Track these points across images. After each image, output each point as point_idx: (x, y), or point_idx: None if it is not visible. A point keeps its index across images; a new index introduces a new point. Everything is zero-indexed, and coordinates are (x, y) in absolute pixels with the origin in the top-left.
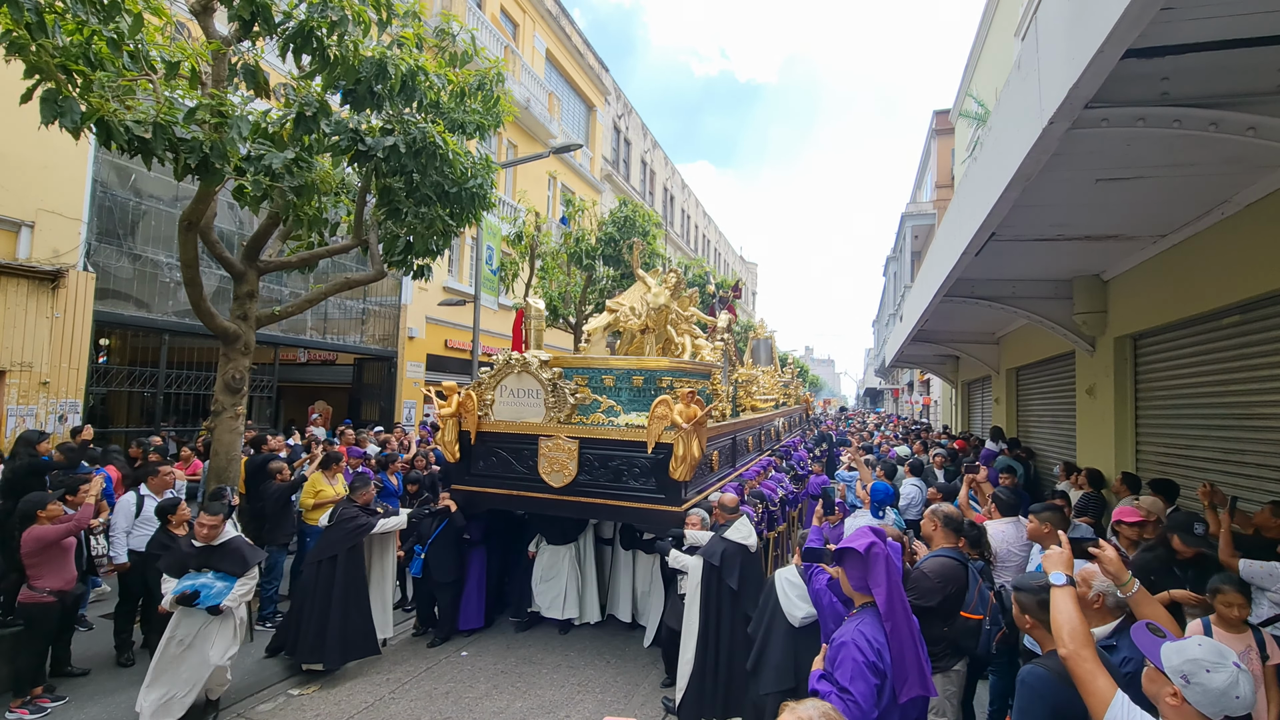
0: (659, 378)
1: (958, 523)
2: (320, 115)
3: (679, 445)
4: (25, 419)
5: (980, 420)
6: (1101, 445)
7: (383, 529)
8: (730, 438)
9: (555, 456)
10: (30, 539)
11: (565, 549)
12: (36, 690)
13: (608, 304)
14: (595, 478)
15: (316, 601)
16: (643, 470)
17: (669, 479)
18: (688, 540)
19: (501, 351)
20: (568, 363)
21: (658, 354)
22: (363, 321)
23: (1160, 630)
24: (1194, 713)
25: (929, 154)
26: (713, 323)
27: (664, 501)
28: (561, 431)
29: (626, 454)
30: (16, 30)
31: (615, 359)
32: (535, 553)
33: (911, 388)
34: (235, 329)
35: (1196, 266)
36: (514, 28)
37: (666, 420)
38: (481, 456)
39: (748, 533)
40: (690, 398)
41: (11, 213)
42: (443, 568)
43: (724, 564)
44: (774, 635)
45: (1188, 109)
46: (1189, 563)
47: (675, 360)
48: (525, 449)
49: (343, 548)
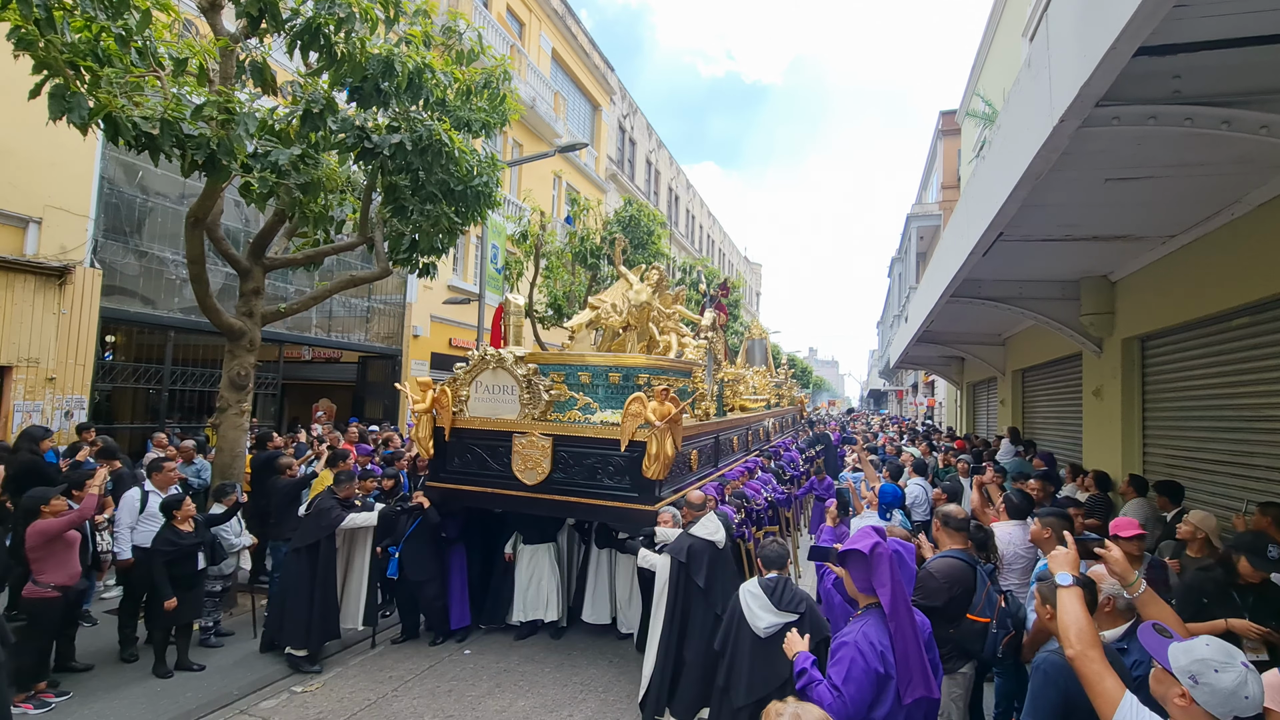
0: (636, 375)
1: (960, 523)
2: (327, 112)
3: (652, 443)
4: (31, 414)
5: (986, 422)
6: (1108, 447)
7: (352, 524)
8: (713, 437)
9: (529, 454)
10: (34, 533)
11: (544, 548)
12: (40, 685)
13: (589, 301)
14: (570, 476)
15: (300, 589)
16: (617, 469)
17: (643, 477)
18: (658, 539)
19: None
20: (544, 359)
21: (640, 352)
22: (367, 319)
23: (1167, 631)
24: (1203, 713)
25: (935, 155)
26: (699, 320)
27: (638, 500)
28: (536, 428)
29: (601, 452)
30: (25, 26)
31: (591, 355)
32: (512, 555)
33: (916, 389)
34: (240, 326)
35: (1206, 267)
36: (520, 27)
37: (640, 418)
38: (456, 453)
39: (715, 528)
40: (664, 395)
41: (19, 209)
42: (418, 566)
43: (690, 560)
44: (741, 648)
45: (1199, 107)
46: (1250, 588)
47: (653, 357)
48: (500, 446)
49: (319, 537)
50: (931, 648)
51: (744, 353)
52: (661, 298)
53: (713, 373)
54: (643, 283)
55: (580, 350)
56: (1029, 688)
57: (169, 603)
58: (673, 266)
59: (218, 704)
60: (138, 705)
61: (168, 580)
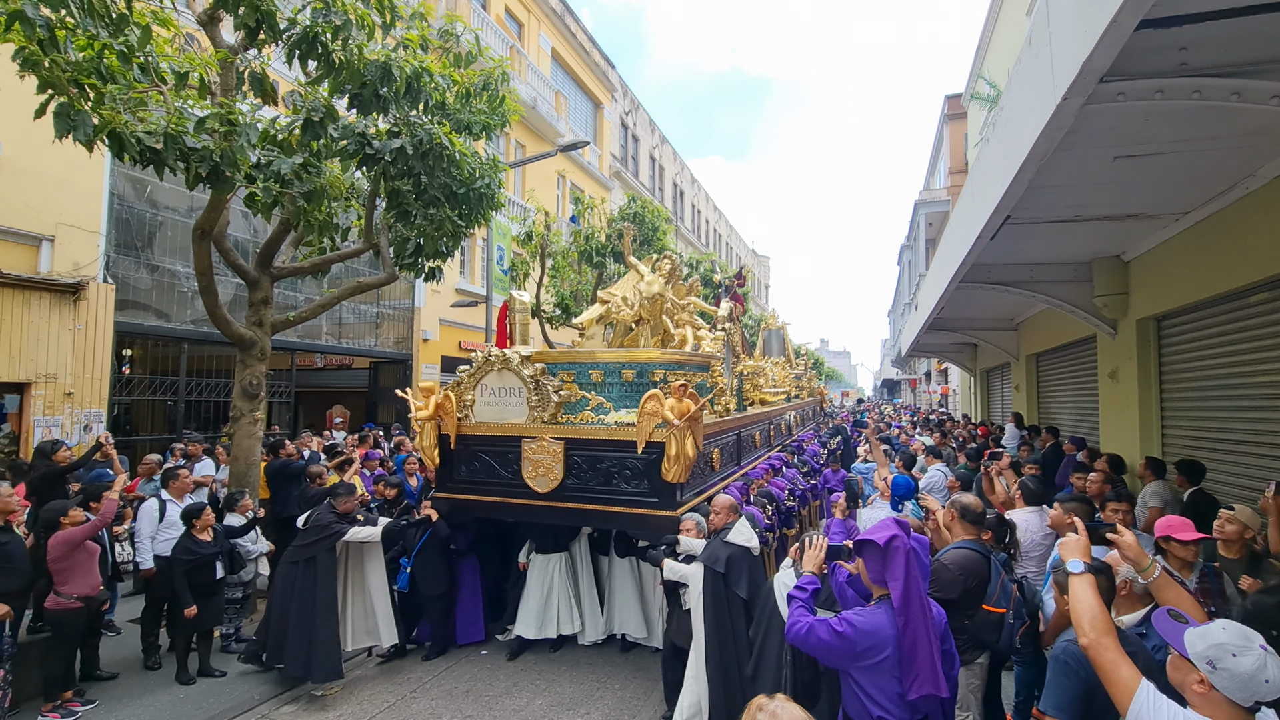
0: (651, 371)
1: (977, 514)
2: (327, 120)
3: (671, 444)
4: (51, 429)
5: (1000, 408)
6: (1126, 430)
7: (354, 538)
8: (734, 434)
9: (540, 460)
10: (56, 543)
11: (556, 558)
12: (67, 694)
13: (599, 295)
14: (584, 481)
15: (288, 605)
16: (634, 472)
17: (663, 481)
18: (682, 548)
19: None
20: (552, 358)
21: (655, 347)
22: (377, 325)
23: (1182, 616)
24: (1223, 699)
25: (941, 140)
26: (715, 312)
27: (658, 506)
28: (546, 432)
29: (616, 455)
30: (29, 46)
31: (602, 352)
32: (526, 564)
33: (929, 377)
34: (251, 335)
35: (1221, 244)
36: (519, 27)
37: (658, 416)
38: (463, 461)
39: (749, 534)
40: (682, 391)
41: (32, 228)
42: (430, 580)
43: (730, 570)
44: (772, 638)
45: (1208, 79)
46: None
47: (668, 352)
48: (509, 452)
49: (317, 551)
50: (947, 638)
51: (761, 344)
52: (675, 289)
53: (731, 366)
54: (654, 273)
55: (591, 347)
56: (1047, 676)
57: (189, 610)
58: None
59: (240, 709)
60: (162, 712)
61: (188, 588)
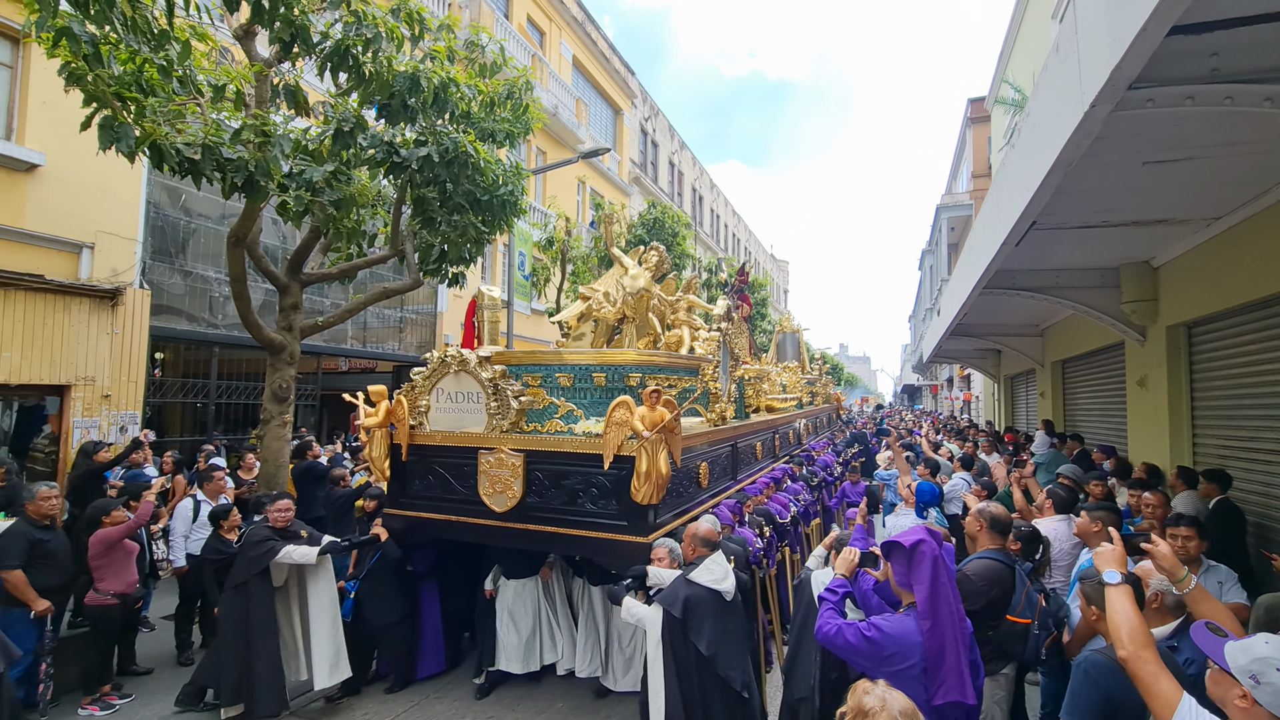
0: (627, 374)
1: (1005, 524)
2: (357, 130)
3: (641, 459)
4: (90, 430)
5: (1025, 415)
6: (1155, 439)
7: (287, 559)
8: (729, 444)
9: (498, 474)
10: (96, 541)
11: (529, 582)
12: (105, 688)
13: (580, 290)
14: (546, 500)
15: (230, 633)
16: (602, 491)
17: (633, 501)
18: (652, 581)
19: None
20: (515, 359)
21: (644, 348)
22: (400, 329)
23: (1221, 630)
24: (1266, 715)
25: (964, 143)
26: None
27: (627, 530)
28: (504, 443)
29: (583, 470)
30: (75, 62)
31: (571, 353)
32: (493, 591)
33: (951, 383)
34: (281, 340)
35: (1254, 249)
36: (540, 36)
37: (627, 427)
38: (416, 475)
39: (722, 574)
40: (655, 398)
41: (73, 235)
42: (380, 608)
43: (687, 616)
44: (807, 637)
45: (1240, 85)
46: None
47: (646, 353)
48: (465, 465)
49: (250, 574)
50: (973, 648)
51: (774, 348)
52: (665, 285)
53: (729, 370)
54: (640, 266)
55: (563, 348)
56: (1069, 686)
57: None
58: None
59: None
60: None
61: (217, 586)
